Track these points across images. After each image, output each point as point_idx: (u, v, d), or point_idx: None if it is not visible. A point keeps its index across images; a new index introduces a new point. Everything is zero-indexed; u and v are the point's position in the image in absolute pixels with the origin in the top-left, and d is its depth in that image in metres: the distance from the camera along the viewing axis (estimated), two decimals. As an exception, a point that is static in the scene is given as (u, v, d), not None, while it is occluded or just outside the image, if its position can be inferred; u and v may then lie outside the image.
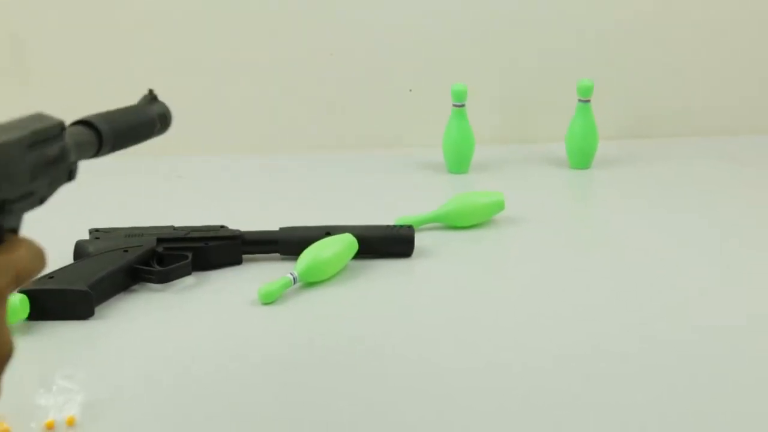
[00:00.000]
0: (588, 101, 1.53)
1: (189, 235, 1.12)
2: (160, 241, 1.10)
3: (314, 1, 1.68)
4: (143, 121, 0.80)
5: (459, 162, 1.55)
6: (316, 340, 0.96)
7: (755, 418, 0.80)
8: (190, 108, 1.68)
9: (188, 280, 1.08)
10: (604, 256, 1.18)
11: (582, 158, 1.57)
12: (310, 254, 1.07)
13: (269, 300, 1.02)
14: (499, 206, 1.27)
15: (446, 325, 0.98)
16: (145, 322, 0.99)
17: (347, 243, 1.10)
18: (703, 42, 1.78)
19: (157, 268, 1.07)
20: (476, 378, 0.87)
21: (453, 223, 1.26)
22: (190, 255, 1.08)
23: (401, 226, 1.17)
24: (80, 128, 0.67)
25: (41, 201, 0.56)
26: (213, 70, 1.69)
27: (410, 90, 1.73)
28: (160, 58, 1.67)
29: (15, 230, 0.52)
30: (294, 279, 1.04)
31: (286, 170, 1.58)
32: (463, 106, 1.51)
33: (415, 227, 1.18)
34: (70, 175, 0.61)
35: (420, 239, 1.18)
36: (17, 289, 0.52)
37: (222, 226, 1.15)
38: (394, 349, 0.93)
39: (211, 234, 1.13)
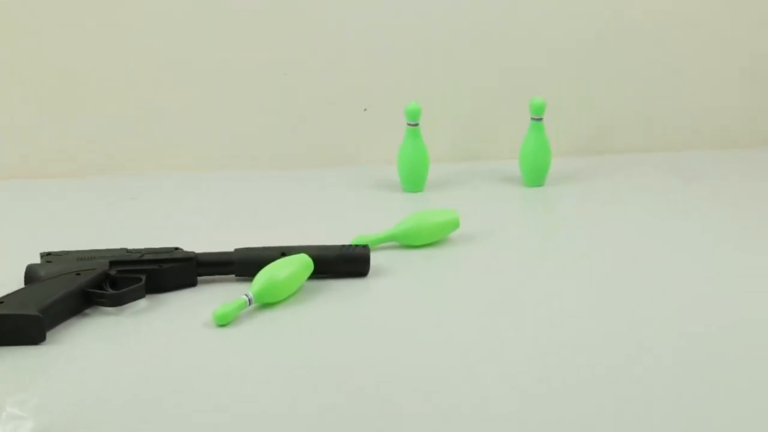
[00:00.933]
0: (540, 119, 1.55)
1: (143, 258, 1.11)
2: (113, 264, 1.09)
3: (267, 21, 1.68)
4: None
5: (414, 181, 1.55)
6: (272, 361, 0.95)
7: (749, 421, 0.81)
8: (142, 127, 1.68)
9: (142, 303, 1.07)
10: (559, 272, 1.18)
11: (535, 176, 1.58)
12: (266, 275, 1.07)
13: (224, 322, 1.01)
14: (454, 224, 1.28)
15: (403, 345, 0.98)
16: (98, 346, 0.98)
17: (303, 263, 1.10)
18: (654, 59, 1.81)
19: (110, 291, 1.05)
20: (434, 397, 0.87)
21: (409, 241, 1.27)
22: (143, 278, 1.07)
23: (357, 246, 1.17)
24: None
25: None
26: (163, 89, 1.67)
27: (365, 109, 1.74)
28: (116, 75, 1.65)
29: None
30: (249, 300, 1.04)
31: (241, 189, 1.57)
32: (417, 125, 1.52)
33: (370, 246, 1.19)
34: None
35: (376, 258, 1.18)
36: None
37: (176, 248, 1.14)
38: (351, 369, 0.93)
39: (165, 256, 1.12)
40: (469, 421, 0.82)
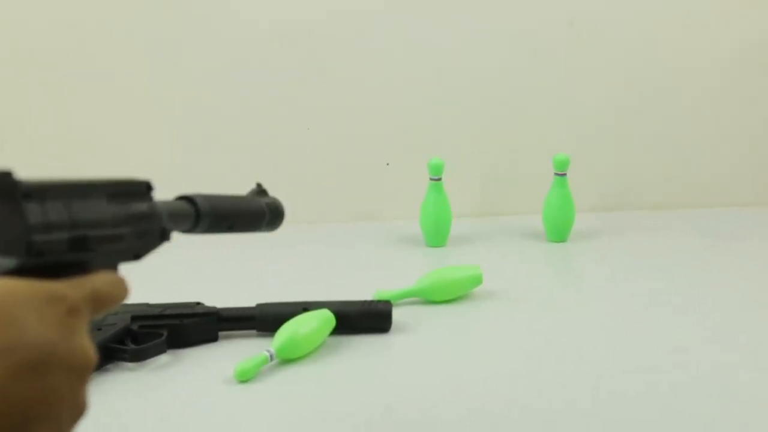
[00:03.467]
0: (564, 174, 1.54)
1: (164, 313, 1.11)
2: (134, 318, 1.09)
3: (291, 77, 1.70)
4: (248, 209, 0.80)
5: (436, 235, 1.55)
6: (293, 417, 0.94)
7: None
8: (166, 182, 1.69)
9: (163, 358, 1.07)
10: (583, 328, 1.17)
11: (559, 231, 1.57)
12: (287, 331, 1.06)
13: (245, 378, 1.00)
14: (477, 280, 1.27)
15: (424, 401, 0.97)
16: (118, 402, 0.97)
17: (324, 319, 1.09)
18: (676, 117, 1.81)
19: (132, 346, 1.05)
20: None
21: (431, 297, 1.26)
22: (165, 333, 1.07)
23: (379, 301, 1.16)
24: (179, 201, 0.69)
25: (135, 256, 0.59)
26: (189, 145, 1.69)
27: (387, 164, 1.74)
28: (140, 132, 1.67)
29: None
30: (270, 356, 1.03)
31: (263, 244, 1.57)
32: (440, 179, 1.52)
33: (392, 302, 1.18)
34: (163, 235, 0.62)
35: (398, 314, 1.17)
36: (99, 313, 0.53)
37: (198, 303, 1.14)
38: (372, 426, 0.92)
39: (187, 311, 1.12)
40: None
